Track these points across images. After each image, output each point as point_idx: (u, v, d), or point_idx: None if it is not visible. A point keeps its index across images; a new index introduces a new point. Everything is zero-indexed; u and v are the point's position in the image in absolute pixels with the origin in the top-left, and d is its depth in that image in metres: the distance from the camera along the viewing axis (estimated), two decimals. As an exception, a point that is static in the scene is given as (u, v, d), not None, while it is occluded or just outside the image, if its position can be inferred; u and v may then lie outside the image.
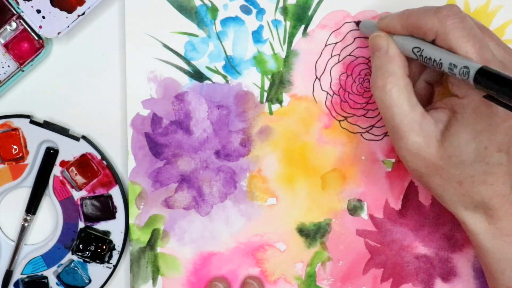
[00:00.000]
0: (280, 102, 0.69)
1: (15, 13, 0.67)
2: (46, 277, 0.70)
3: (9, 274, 0.70)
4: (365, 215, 0.70)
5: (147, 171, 0.69)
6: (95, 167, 0.70)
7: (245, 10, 0.68)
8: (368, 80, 0.69)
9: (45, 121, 0.69)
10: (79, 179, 0.70)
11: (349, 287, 0.71)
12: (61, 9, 0.67)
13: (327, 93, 0.69)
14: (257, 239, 0.70)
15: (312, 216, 0.70)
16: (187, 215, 0.70)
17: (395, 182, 0.70)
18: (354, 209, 0.70)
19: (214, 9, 0.68)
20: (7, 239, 0.71)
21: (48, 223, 0.72)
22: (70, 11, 0.67)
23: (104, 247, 0.70)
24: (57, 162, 0.70)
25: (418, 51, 0.59)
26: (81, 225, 0.70)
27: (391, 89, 0.60)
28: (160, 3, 0.68)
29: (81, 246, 0.70)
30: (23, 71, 0.68)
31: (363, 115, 0.69)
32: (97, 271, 0.70)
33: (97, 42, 0.70)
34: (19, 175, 0.70)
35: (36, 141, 0.69)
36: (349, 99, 0.69)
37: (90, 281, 0.70)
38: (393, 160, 0.70)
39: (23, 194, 0.71)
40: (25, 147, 0.69)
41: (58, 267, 0.70)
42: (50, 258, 0.70)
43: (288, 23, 0.68)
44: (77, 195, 0.70)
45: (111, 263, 0.70)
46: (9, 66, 0.68)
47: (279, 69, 0.69)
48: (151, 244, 0.70)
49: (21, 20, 0.67)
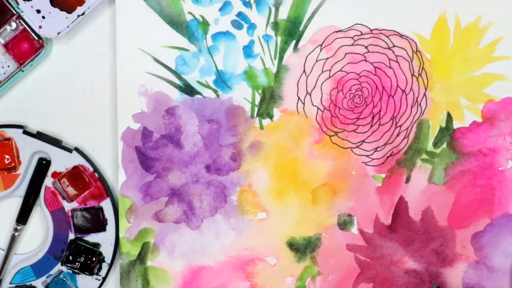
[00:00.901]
0: (270, 117, 0.69)
1: (15, 13, 0.67)
2: (35, 287, 0.71)
3: (-2, 283, 0.71)
4: (355, 229, 0.70)
5: (137, 185, 0.69)
6: (87, 179, 0.70)
7: (236, 25, 0.68)
8: (359, 95, 0.69)
9: (38, 132, 0.70)
10: (71, 191, 0.70)
11: (338, 301, 0.71)
12: (61, 9, 0.67)
13: (318, 108, 0.69)
14: (247, 253, 0.70)
15: (302, 230, 0.70)
16: (178, 228, 0.70)
17: (385, 197, 0.70)
18: (344, 224, 0.70)
19: (205, 24, 0.68)
20: (-3, 248, 0.72)
21: (38, 233, 0.72)
22: (70, 11, 0.67)
23: (93, 259, 0.70)
24: (49, 173, 0.70)
25: None
26: (71, 236, 0.70)
27: None
28: (151, 18, 0.68)
29: (70, 257, 0.70)
30: (23, 71, 0.68)
31: (354, 130, 0.70)
32: (86, 283, 0.70)
33: (97, 42, 0.70)
34: (11, 184, 0.70)
35: (28, 151, 0.70)
36: (340, 114, 0.69)
37: (79, 292, 0.71)
38: (383, 175, 0.70)
39: (14, 203, 0.71)
40: (18, 157, 0.70)
41: (47, 277, 0.71)
42: (39, 268, 0.71)
43: (279, 38, 0.69)
44: (68, 206, 0.70)
45: (100, 275, 0.70)
46: (9, 66, 0.69)
47: (270, 84, 0.69)
48: (141, 257, 0.70)
49: (21, 20, 0.67)
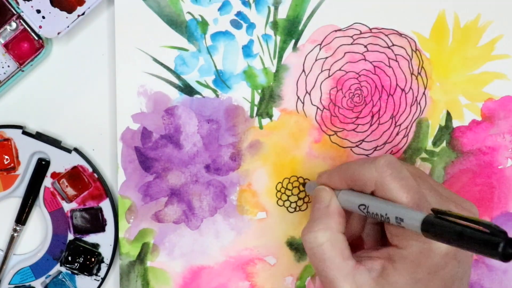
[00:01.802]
0: (270, 116, 0.69)
1: (15, 13, 0.67)
2: (34, 288, 0.71)
3: (-3, 284, 0.71)
4: (354, 229, 0.70)
5: (137, 185, 0.69)
6: (86, 180, 0.70)
7: (236, 24, 0.68)
8: (358, 94, 0.69)
9: (38, 132, 0.69)
10: (70, 191, 0.70)
11: (338, 301, 0.71)
12: (61, 9, 0.67)
13: (317, 108, 0.69)
14: (247, 253, 0.70)
15: (302, 230, 0.70)
16: (177, 229, 0.70)
17: (385, 196, 0.70)
18: (343, 223, 0.70)
19: (204, 24, 0.68)
20: (-3, 249, 0.72)
21: (37, 234, 0.72)
22: (70, 11, 0.67)
23: (92, 260, 0.70)
24: (48, 173, 0.70)
25: (364, 208, 0.59)
26: (71, 237, 0.70)
27: (324, 243, 0.59)
28: (150, 17, 0.68)
29: (69, 257, 0.70)
30: (23, 71, 0.68)
31: (353, 130, 0.70)
32: (85, 283, 0.70)
33: (97, 42, 0.70)
34: (10, 185, 0.70)
35: (28, 152, 0.69)
36: (339, 114, 0.69)
37: (79, 293, 0.71)
38: (383, 174, 0.70)
39: (14, 204, 0.71)
40: (17, 157, 0.70)
41: (46, 278, 0.71)
42: (38, 268, 0.70)
43: (278, 38, 0.68)
44: (67, 207, 0.70)
45: (99, 276, 0.70)
46: (9, 66, 0.68)
47: (269, 84, 0.69)
48: (141, 258, 0.70)
49: (21, 20, 0.67)
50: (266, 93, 0.69)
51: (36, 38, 0.68)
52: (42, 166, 0.70)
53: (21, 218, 0.71)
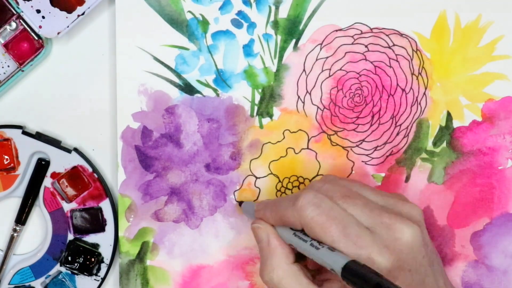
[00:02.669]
0: (270, 115, 0.69)
1: (15, 13, 0.67)
2: (34, 288, 0.71)
3: (-3, 284, 0.71)
4: (355, 229, 0.70)
5: (137, 184, 0.69)
6: (86, 180, 0.70)
7: (236, 24, 0.68)
8: (358, 94, 0.69)
9: (38, 132, 0.69)
10: (70, 191, 0.70)
11: (338, 301, 0.71)
12: (61, 9, 0.67)
13: (318, 107, 0.69)
14: (246, 252, 0.70)
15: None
16: (177, 228, 0.70)
17: (385, 196, 0.70)
18: (344, 223, 0.70)
19: (205, 23, 0.68)
20: (-4, 249, 0.72)
21: (37, 234, 0.72)
22: (69, 11, 0.67)
23: (92, 260, 0.70)
24: (48, 173, 0.70)
25: (293, 246, 0.60)
26: (70, 237, 0.70)
27: (281, 281, 0.60)
28: (150, 16, 0.68)
29: (69, 258, 0.70)
30: (22, 71, 0.68)
31: (354, 130, 0.70)
32: (85, 283, 0.70)
33: (97, 42, 0.70)
34: (10, 185, 0.70)
35: (28, 152, 0.69)
36: (340, 114, 0.69)
37: (78, 293, 0.71)
38: (383, 174, 0.70)
39: (13, 204, 0.71)
40: (17, 157, 0.70)
41: (46, 278, 0.70)
42: (38, 269, 0.70)
43: (279, 37, 0.69)
44: (67, 207, 0.70)
45: (99, 276, 0.70)
46: (9, 66, 0.68)
47: (270, 83, 0.69)
48: (141, 256, 0.70)
49: (21, 20, 0.67)
50: (266, 93, 0.69)
51: (36, 38, 0.68)
52: (42, 166, 0.70)
53: (21, 218, 0.70)
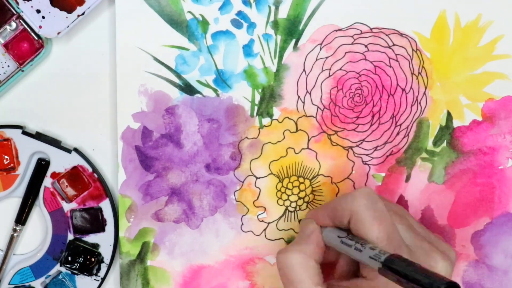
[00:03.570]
0: (270, 115, 0.69)
1: (15, 13, 0.67)
2: (34, 288, 0.71)
3: (-3, 284, 0.71)
4: (355, 229, 0.70)
5: (137, 184, 0.69)
6: (86, 180, 0.70)
7: (236, 24, 0.68)
8: (358, 94, 0.69)
9: (38, 132, 0.69)
10: (70, 191, 0.70)
11: (339, 301, 0.71)
12: (61, 9, 0.67)
13: (318, 107, 0.69)
14: (247, 252, 0.70)
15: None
16: (177, 228, 0.70)
17: (385, 196, 0.70)
18: (344, 223, 0.70)
19: (205, 23, 0.68)
20: (-4, 249, 0.72)
21: (37, 234, 0.72)
22: (69, 11, 0.67)
23: (92, 260, 0.70)
24: (48, 173, 0.70)
25: (339, 241, 0.60)
26: (70, 237, 0.70)
27: (295, 265, 0.60)
28: (151, 17, 0.68)
29: (69, 258, 0.70)
30: (22, 71, 0.68)
31: (354, 129, 0.70)
32: (85, 283, 0.70)
33: (97, 42, 0.70)
34: (10, 185, 0.70)
35: (27, 152, 0.69)
36: (340, 113, 0.69)
37: (78, 293, 0.71)
38: (383, 174, 0.70)
39: (13, 204, 0.71)
40: (17, 157, 0.70)
41: (46, 278, 0.70)
42: (38, 269, 0.70)
43: (279, 37, 0.69)
44: (67, 207, 0.70)
45: (99, 276, 0.70)
46: (9, 66, 0.68)
47: (270, 83, 0.69)
48: (141, 257, 0.70)
49: (21, 20, 0.67)
50: (266, 93, 0.69)
51: (36, 38, 0.68)
52: (42, 166, 0.70)
53: (21, 218, 0.71)
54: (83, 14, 0.67)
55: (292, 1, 0.68)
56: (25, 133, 0.69)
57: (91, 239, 0.70)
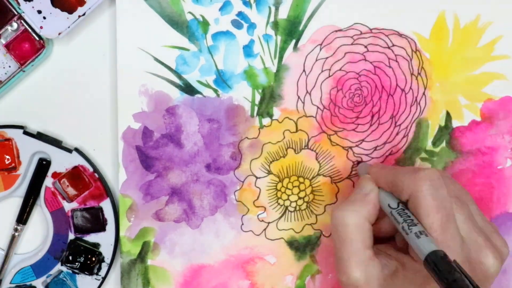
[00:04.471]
0: (270, 116, 0.69)
1: (16, 13, 0.67)
2: (34, 287, 0.71)
3: (-2, 283, 0.71)
4: (354, 229, 0.70)
5: (138, 184, 0.69)
6: (86, 180, 0.70)
7: (236, 24, 0.69)
8: (358, 94, 0.69)
9: (39, 132, 0.70)
10: (71, 191, 0.70)
11: (338, 300, 0.71)
12: (62, 10, 0.67)
13: (318, 108, 0.69)
14: (247, 252, 0.70)
15: (302, 229, 0.70)
16: (178, 227, 0.70)
17: (385, 196, 0.70)
18: (344, 223, 0.70)
19: (205, 23, 0.68)
20: (-3, 248, 0.72)
21: (38, 233, 0.72)
22: (71, 11, 0.67)
23: (93, 259, 0.70)
24: (49, 173, 0.70)
25: (391, 213, 0.60)
26: (71, 236, 0.70)
27: (350, 225, 0.60)
28: (151, 17, 0.68)
29: (70, 257, 0.70)
30: (24, 71, 0.68)
31: (353, 130, 0.70)
32: (85, 283, 0.70)
33: (98, 42, 0.70)
34: (11, 185, 0.70)
35: (29, 152, 0.70)
36: (340, 114, 0.70)
37: (79, 292, 0.71)
38: (383, 174, 0.70)
39: (14, 204, 0.71)
40: (18, 157, 0.70)
41: (47, 277, 0.71)
42: (39, 268, 0.71)
43: (279, 38, 0.69)
44: (68, 206, 0.70)
45: (100, 275, 0.70)
46: (10, 66, 0.69)
47: (270, 83, 0.69)
48: (142, 256, 0.70)
49: (22, 20, 0.67)
50: (266, 93, 0.69)
51: (37, 38, 0.68)
52: (43, 166, 0.70)
53: (22, 217, 0.71)
54: (84, 14, 0.67)
55: (292, 2, 0.68)
56: (26, 133, 0.69)
57: (91, 238, 0.70)
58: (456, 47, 0.70)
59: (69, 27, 0.67)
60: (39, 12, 0.67)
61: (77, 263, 0.70)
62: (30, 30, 0.68)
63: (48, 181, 0.70)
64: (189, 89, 0.69)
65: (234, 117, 0.69)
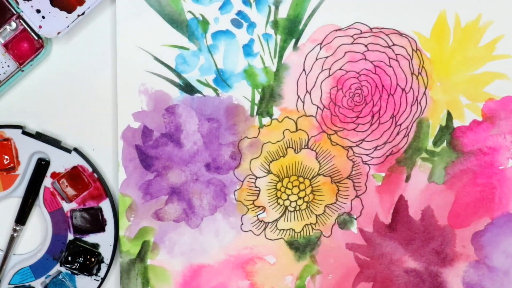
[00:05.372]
0: (270, 115, 0.69)
1: (15, 13, 0.67)
2: (34, 288, 0.71)
3: (-3, 284, 0.71)
4: (354, 228, 0.70)
5: (137, 183, 0.69)
6: (86, 180, 0.70)
7: (236, 23, 0.69)
8: (358, 94, 0.69)
9: (38, 132, 0.69)
10: (70, 191, 0.70)
11: (339, 301, 0.71)
12: (61, 9, 0.67)
13: (318, 107, 0.69)
14: (246, 252, 0.70)
15: (302, 229, 0.70)
16: (177, 227, 0.70)
17: (385, 196, 0.70)
18: (344, 223, 0.70)
19: (205, 23, 0.68)
20: (-4, 249, 0.72)
21: (37, 234, 0.72)
22: (70, 11, 0.67)
23: (92, 260, 0.70)
24: (48, 173, 0.70)
25: None
26: (70, 237, 0.70)
27: None
28: (151, 16, 0.68)
29: (69, 258, 0.70)
30: (22, 71, 0.68)
31: (353, 129, 0.70)
32: (84, 283, 0.70)
33: (97, 42, 0.70)
34: (10, 185, 0.70)
35: (27, 152, 0.69)
36: (340, 113, 0.69)
37: (78, 293, 0.71)
38: (383, 174, 0.70)
39: (13, 204, 0.71)
40: (17, 157, 0.70)
41: (46, 278, 0.70)
42: (38, 269, 0.70)
43: (279, 37, 0.69)
44: (67, 207, 0.70)
45: (99, 276, 0.70)
46: (9, 66, 0.69)
47: (270, 83, 0.69)
48: (141, 256, 0.70)
49: (21, 20, 0.67)
50: (266, 92, 0.69)
51: (36, 38, 0.68)
52: (42, 166, 0.70)
53: (21, 218, 0.71)
54: (83, 14, 0.67)
55: (292, 1, 0.68)
56: (25, 133, 0.69)
57: (91, 239, 0.70)
58: (457, 47, 0.69)
59: (68, 27, 0.67)
60: (38, 11, 0.67)
61: (76, 264, 0.70)
62: (29, 29, 0.68)
63: (47, 181, 0.70)
64: (188, 88, 0.69)
65: (233, 117, 0.69)
